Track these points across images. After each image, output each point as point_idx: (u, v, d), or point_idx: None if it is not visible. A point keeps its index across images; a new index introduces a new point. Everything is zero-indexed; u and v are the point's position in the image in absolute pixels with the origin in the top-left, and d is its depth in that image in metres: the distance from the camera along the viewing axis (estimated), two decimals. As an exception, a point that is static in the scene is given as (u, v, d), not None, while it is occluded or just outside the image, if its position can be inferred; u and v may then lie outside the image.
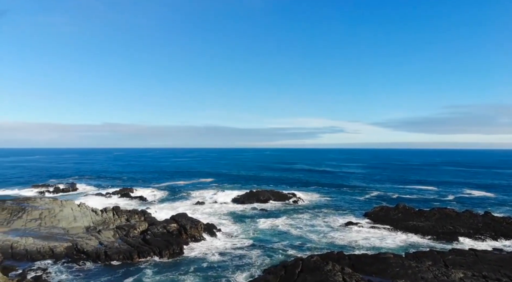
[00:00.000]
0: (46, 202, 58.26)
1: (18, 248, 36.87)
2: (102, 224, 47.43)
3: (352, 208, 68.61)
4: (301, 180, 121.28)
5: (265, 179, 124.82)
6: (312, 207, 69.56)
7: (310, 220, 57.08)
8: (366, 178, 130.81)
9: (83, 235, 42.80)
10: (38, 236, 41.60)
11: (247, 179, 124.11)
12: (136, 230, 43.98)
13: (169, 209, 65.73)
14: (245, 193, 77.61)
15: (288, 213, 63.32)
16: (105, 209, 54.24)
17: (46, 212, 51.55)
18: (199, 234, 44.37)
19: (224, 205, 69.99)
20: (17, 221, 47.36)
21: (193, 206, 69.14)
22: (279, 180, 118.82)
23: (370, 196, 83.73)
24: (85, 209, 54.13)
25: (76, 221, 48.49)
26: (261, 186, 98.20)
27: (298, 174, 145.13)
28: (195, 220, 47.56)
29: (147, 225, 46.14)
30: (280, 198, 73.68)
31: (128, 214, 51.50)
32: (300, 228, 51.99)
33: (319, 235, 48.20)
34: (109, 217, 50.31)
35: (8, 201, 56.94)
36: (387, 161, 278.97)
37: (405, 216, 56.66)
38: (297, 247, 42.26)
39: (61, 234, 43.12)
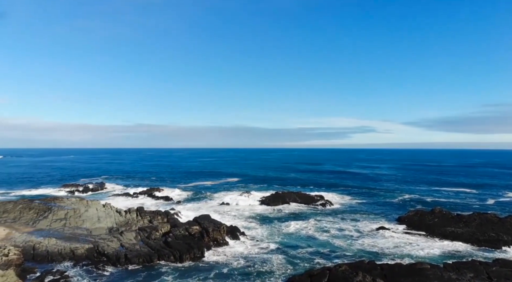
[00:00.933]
0: (72, 202, 58.82)
1: (40, 249, 36.74)
2: (125, 225, 46.93)
3: (383, 212, 65.03)
4: (329, 181, 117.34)
5: (291, 180, 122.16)
6: (341, 210, 66.55)
7: (338, 225, 54.24)
8: (399, 180, 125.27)
9: (105, 236, 42.33)
10: (61, 236, 41.50)
11: (273, 180, 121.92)
12: (158, 232, 43.04)
13: (193, 210, 64.87)
14: (271, 195, 75.62)
15: (315, 216, 60.73)
16: (129, 209, 53.91)
17: (71, 212, 51.82)
18: (222, 237, 42.82)
19: (249, 207, 68.33)
20: (42, 221, 47.75)
21: (218, 207, 68.00)
22: (306, 182, 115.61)
23: (403, 199, 79.37)
24: (109, 210, 54.05)
25: (99, 222, 48.29)
26: (288, 188, 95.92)
27: (327, 176, 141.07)
28: (217, 222, 46.09)
29: (169, 227, 45.15)
30: (307, 201, 71.07)
31: (151, 215, 50.83)
32: (327, 233, 49.38)
33: (347, 241, 45.43)
34: (132, 218, 49.82)
35: (36, 201, 57.91)
36: (420, 162, 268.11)
37: (442, 221, 52.74)
38: (324, 254, 39.79)
39: (84, 235, 42.88)
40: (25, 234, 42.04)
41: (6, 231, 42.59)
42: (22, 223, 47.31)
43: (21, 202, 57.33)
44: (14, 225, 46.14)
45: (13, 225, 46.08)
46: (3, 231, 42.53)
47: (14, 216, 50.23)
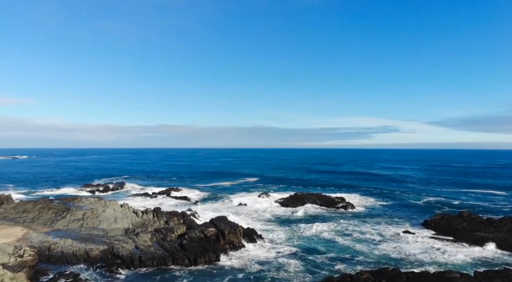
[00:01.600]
0: (91, 202, 58.99)
1: (55, 250, 36.50)
2: (141, 226, 46.42)
3: (408, 215, 62.28)
4: (350, 183, 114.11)
5: (311, 181, 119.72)
6: (363, 213, 64.24)
7: (360, 228, 52.07)
8: (424, 181, 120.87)
9: (121, 237, 41.85)
10: (77, 237, 41.30)
11: (292, 181, 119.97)
12: (173, 234, 42.26)
13: (211, 210, 64.07)
14: (290, 196, 73.96)
15: (335, 219, 58.73)
16: (146, 210, 53.46)
17: (89, 212, 51.80)
18: (238, 240, 41.60)
19: (267, 208, 66.94)
20: (60, 221, 47.85)
21: (236, 208, 66.96)
22: (327, 183, 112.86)
23: (429, 202, 75.97)
24: (126, 210, 53.78)
25: (116, 223, 47.98)
26: (307, 189, 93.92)
27: (348, 177, 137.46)
28: (234, 224, 44.91)
29: (185, 228, 44.29)
30: (327, 203, 69.01)
31: (167, 216, 50.18)
32: (348, 237, 47.36)
33: (369, 245, 43.35)
34: (149, 219, 49.30)
35: (55, 201, 58.40)
36: (446, 162, 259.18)
37: (471, 225, 49.80)
38: (345, 260, 37.91)
39: (100, 235, 42.56)
40: (42, 234, 42.09)
41: (24, 231, 42.80)
42: (40, 223, 47.57)
43: (41, 202, 57.97)
44: (32, 225, 46.43)
45: (31, 225, 46.37)
46: (20, 231, 42.77)
47: (33, 216, 50.66)
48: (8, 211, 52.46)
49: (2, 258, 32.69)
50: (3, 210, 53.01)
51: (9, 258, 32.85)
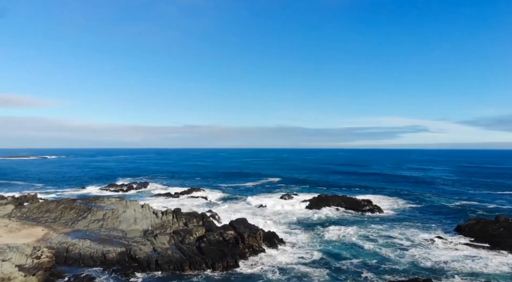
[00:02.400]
0: (112, 202, 58.94)
1: (73, 252, 36.08)
2: (160, 228, 45.60)
3: (439, 219, 58.69)
4: (377, 185, 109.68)
5: (336, 182, 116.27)
6: (390, 217, 61.14)
7: (387, 233, 49.27)
8: (455, 183, 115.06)
9: (139, 239, 41.11)
10: (96, 238, 40.87)
11: (316, 182, 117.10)
12: (192, 236, 41.13)
13: (231, 211, 62.82)
14: (314, 198, 71.58)
15: (362, 223, 56.06)
16: (166, 211, 52.77)
17: (109, 213, 51.57)
18: (258, 244, 39.97)
19: (290, 210, 64.94)
20: (81, 222, 47.77)
21: (257, 209, 65.36)
22: (353, 185, 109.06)
23: (461, 205, 71.55)
24: (147, 211, 53.24)
25: (136, 224, 47.41)
26: (332, 191, 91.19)
27: (375, 178, 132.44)
28: (254, 227, 43.29)
29: (204, 230, 43.10)
30: (353, 206, 66.19)
31: (187, 217, 49.20)
32: (375, 242, 44.76)
33: (398, 252, 40.64)
34: (168, 220, 48.45)
35: (78, 201, 58.71)
36: (478, 164, 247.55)
37: (508, 231, 45.98)
38: (371, 267, 35.51)
39: (118, 237, 42.00)
40: (62, 234, 41.97)
41: (45, 232, 42.85)
42: (62, 223, 47.66)
43: (63, 201, 58.44)
44: (54, 225, 46.55)
45: (52, 225, 46.51)
46: (41, 231, 42.84)
47: (55, 216, 50.92)
48: (32, 211, 53.04)
49: (19, 259, 32.51)
50: (26, 209, 53.68)
51: (26, 259, 32.64)
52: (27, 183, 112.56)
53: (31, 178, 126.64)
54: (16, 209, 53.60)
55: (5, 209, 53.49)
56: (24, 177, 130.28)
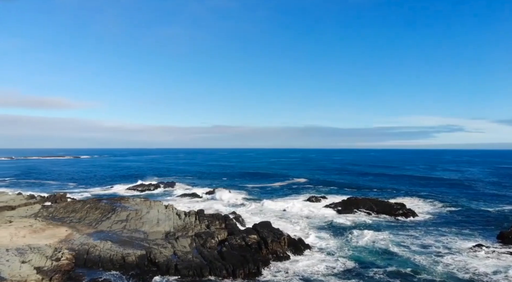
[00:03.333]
0: (136, 202, 58.66)
1: (93, 254, 35.38)
2: (182, 230, 44.39)
3: (478, 225, 54.15)
4: (411, 187, 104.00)
5: (367, 184, 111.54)
6: (425, 222, 57.16)
7: (422, 239, 45.78)
8: (495, 186, 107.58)
9: (161, 241, 40.00)
10: (117, 240, 40.15)
11: (346, 184, 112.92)
12: (213, 240, 39.57)
13: (256, 213, 60.93)
14: (343, 201, 68.40)
15: (394, 228, 52.63)
16: (189, 212, 51.70)
17: (133, 213, 51.12)
18: (282, 250, 37.79)
19: (317, 213, 62.21)
20: (105, 222, 47.45)
21: (283, 212, 63.04)
22: (384, 187, 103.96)
23: (503, 210, 66.09)
24: (170, 212, 52.42)
25: (158, 225, 46.51)
26: (362, 193, 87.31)
27: (408, 180, 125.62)
28: (278, 231, 41.17)
29: (226, 234, 41.46)
30: (385, 209, 62.52)
31: (209, 219, 47.79)
32: (408, 249, 41.57)
33: (433, 260, 37.34)
34: (191, 222, 47.23)
35: (103, 201, 58.84)
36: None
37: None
38: (405, 277, 32.53)
39: (140, 239, 41.09)
40: (84, 235, 41.61)
41: (68, 232, 42.68)
42: (86, 223, 47.52)
43: (89, 201, 58.76)
44: (78, 225, 46.45)
45: (76, 225, 46.42)
46: (65, 232, 42.70)
47: (80, 216, 51.01)
48: (58, 211, 53.48)
49: (39, 261, 32.07)
50: (53, 209, 54.21)
51: (45, 261, 32.16)
52: (59, 182, 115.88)
53: (63, 178, 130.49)
54: (43, 209, 54.28)
55: (32, 209, 54.32)
56: (57, 177, 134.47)
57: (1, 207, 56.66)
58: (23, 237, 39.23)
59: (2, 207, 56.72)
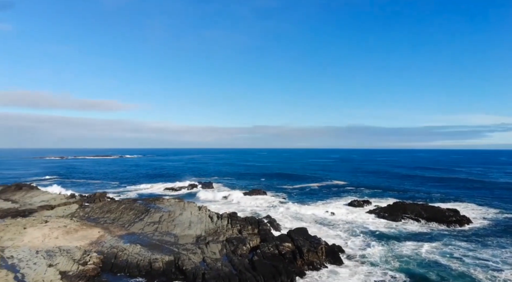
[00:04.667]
0: (171, 203, 57.71)
1: (121, 258, 34.19)
2: (213, 234, 42.38)
3: (547, 236, 47.36)
4: (464, 191, 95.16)
5: (415, 188, 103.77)
6: (481, 230, 51.10)
7: (478, 250, 40.59)
8: None
9: (191, 246, 38.19)
10: (147, 243, 38.89)
11: (391, 186, 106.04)
12: (245, 246, 37.13)
13: (292, 218, 57.70)
14: (388, 205, 63.27)
15: (446, 237, 47.36)
16: (222, 215, 49.68)
17: (166, 215, 50.01)
18: (319, 260, 34.48)
19: (360, 219, 57.81)
20: (137, 224, 46.62)
21: (321, 217, 59.13)
22: (435, 191, 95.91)
23: None
24: (203, 214, 50.74)
25: (190, 228, 44.87)
26: (410, 197, 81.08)
27: (462, 184, 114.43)
28: (316, 239, 37.85)
29: (259, 240, 38.87)
30: (436, 216, 56.75)
31: (242, 223, 45.43)
32: (462, 261, 36.97)
33: (489, 275, 32.92)
34: (222, 226, 45.14)
35: (138, 201, 58.47)
36: None
37: None
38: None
39: (170, 243, 39.56)
40: (115, 238, 40.80)
41: (100, 234, 42.11)
42: (119, 225, 46.96)
43: (125, 202, 58.66)
44: (111, 226, 45.95)
45: (109, 226, 45.94)
46: (97, 233, 42.18)
47: (115, 217, 50.70)
48: (94, 211, 53.65)
49: (66, 265, 31.28)
50: (89, 209, 54.49)
51: (72, 265, 31.30)
52: (102, 181, 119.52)
53: (107, 177, 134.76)
54: (80, 209, 54.76)
55: (69, 209, 54.98)
56: (101, 176, 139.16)
57: (42, 206, 58.10)
58: (55, 238, 39.04)
59: (42, 206, 58.14)
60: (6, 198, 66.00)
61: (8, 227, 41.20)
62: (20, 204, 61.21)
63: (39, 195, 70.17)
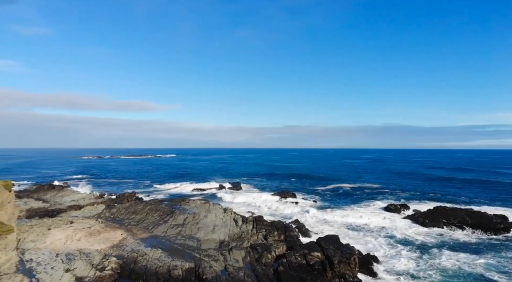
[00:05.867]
0: (196, 205, 56.23)
1: (140, 264, 32.66)
2: (237, 239, 40.18)
3: None
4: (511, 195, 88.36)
5: (457, 191, 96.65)
6: (539, 241, 45.66)
7: (539, 267, 35.68)
8: None
9: (213, 252, 36.19)
10: (169, 248, 37.30)
11: (430, 189, 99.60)
12: (270, 254, 34.63)
13: (322, 223, 54.41)
14: (428, 210, 58.48)
15: (494, 247, 42.66)
16: (247, 219, 47.42)
17: (190, 217, 48.46)
18: (352, 273, 31.32)
19: (396, 225, 53.64)
20: (161, 226, 45.33)
21: (354, 222, 55.42)
22: (478, 194, 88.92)
23: None
24: (228, 217, 48.76)
25: (213, 232, 42.96)
26: (450, 200, 75.32)
27: (507, 187, 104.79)
28: (348, 249, 34.66)
29: (285, 248, 36.28)
30: (482, 222, 51.59)
31: (268, 228, 42.91)
32: None
33: None
34: (247, 231, 42.85)
35: (164, 202, 57.44)
36: None
37: None
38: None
39: (192, 248, 37.78)
40: (138, 241, 39.55)
41: (123, 236, 41.03)
42: (143, 227, 45.89)
43: (151, 202, 57.82)
44: (134, 228, 44.92)
45: (133, 228, 44.93)
46: (120, 236, 41.14)
47: (140, 218, 49.81)
48: (120, 212, 53.10)
49: (83, 270, 30.14)
50: (116, 210, 54.01)
51: (90, 270, 30.11)
52: (134, 180, 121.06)
53: (138, 176, 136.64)
54: (106, 209, 54.39)
55: (96, 209, 54.75)
56: (133, 175, 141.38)
57: (70, 206, 58.45)
58: (77, 240, 38.30)
59: (71, 206, 58.49)
60: (38, 198, 67.33)
61: (33, 228, 41.03)
62: (50, 204, 62.06)
63: (70, 194, 71.18)
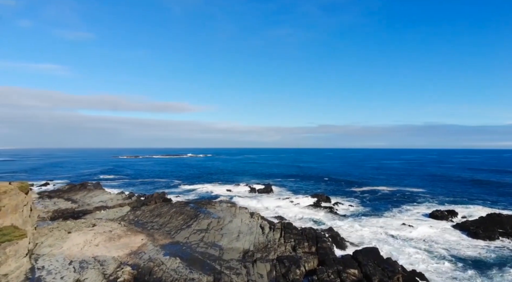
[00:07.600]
0: (222, 208, 53.37)
1: (156, 275, 29.90)
2: (262, 250, 36.56)
3: None
4: None
5: (508, 195, 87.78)
6: None
7: None
8: None
9: (235, 264, 32.83)
10: (188, 257, 34.41)
11: (478, 193, 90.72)
12: (298, 270, 30.70)
13: (360, 232, 49.21)
14: (480, 218, 51.85)
15: None
16: (274, 226, 43.64)
17: (215, 222, 45.57)
18: (395, 295, 26.76)
19: (444, 235, 47.71)
20: (183, 231, 42.74)
21: (396, 230, 49.90)
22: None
23: None
24: (254, 223, 45.32)
25: (238, 240, 39.66)
26: (503, 207, 67.37)
27: None
28: (389, 266, 30.03)
29: (316, 262, 32.21)
30: (548, 235, 44.61)
31: (297, 238, 38.90)
32: None
33: None
34: (274, 240, 39.11)
35: (190, 205, 55.09)
36: None
37: None
38: None
39: (213, 258, 34.63)
40: (157, 247, 37.03)
41: (143, 242, 38.71)
42: (165, 231, 43.50)
43: (176, 205, 55.70)
44: (156, 233, 42.58)
45: (155, 233, 42.62)
46: (140, 241, 38.84)
47: (163, 222, 47.62)
48: (144, 214, 51.22)
49: (96, 278, 27.80)
50: (140, 212, 52.23)
51: (102, 279, 27.73)
52: (167, 180, 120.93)
53: (172, 175, 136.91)
54: (131, 212, 52.77)
55: (121, 211, 53.27)
56: (168, 174, 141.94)
57: (97, 207, 57.45)
58: (95, 246, 36.36)
59: (98, 207, 57.48)
60: (68, 198, 67.31)
61: (53, 231, 39.68)
62: (79, 204, 61.56)
63: (99, 195, 70.75)
